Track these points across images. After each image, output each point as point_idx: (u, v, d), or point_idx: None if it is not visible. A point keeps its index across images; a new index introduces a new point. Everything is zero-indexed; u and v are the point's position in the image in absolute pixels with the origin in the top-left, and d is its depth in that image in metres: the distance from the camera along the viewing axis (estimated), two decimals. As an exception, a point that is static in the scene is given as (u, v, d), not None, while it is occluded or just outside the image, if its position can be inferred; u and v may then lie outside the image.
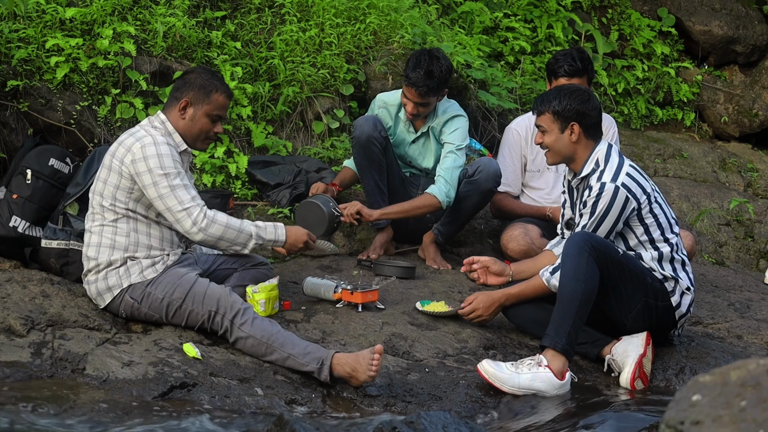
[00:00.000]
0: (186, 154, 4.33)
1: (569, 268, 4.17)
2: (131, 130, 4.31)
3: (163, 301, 4.18)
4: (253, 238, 4.28)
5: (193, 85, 4.29)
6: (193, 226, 4.16)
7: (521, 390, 4.11)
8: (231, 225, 4.23)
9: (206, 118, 4.30)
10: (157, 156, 4.14)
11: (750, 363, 2.01)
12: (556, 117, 4.41)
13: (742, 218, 6.74)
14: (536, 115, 4.49)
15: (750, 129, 7.91)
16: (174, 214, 4.16)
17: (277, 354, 4.05)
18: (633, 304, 4.35)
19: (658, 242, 4.40)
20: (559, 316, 4.17)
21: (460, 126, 5.31)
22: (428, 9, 6.90)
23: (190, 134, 4.31)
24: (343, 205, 5.11)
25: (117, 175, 4.19)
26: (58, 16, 5.46)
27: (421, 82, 5.10)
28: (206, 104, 4.29)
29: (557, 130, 4.42)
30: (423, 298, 4.87)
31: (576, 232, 4.30)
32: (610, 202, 4.29)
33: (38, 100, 5.27)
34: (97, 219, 4.25)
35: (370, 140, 5.16)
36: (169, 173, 4.14)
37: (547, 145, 4.46)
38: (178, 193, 4.15)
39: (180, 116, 4.28)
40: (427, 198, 5.18)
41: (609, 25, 7.90)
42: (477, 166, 5.25)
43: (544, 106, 4.45)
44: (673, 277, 4.41)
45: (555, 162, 4.52)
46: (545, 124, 4.44)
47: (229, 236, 4.22)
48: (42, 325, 4.11)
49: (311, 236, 4.49)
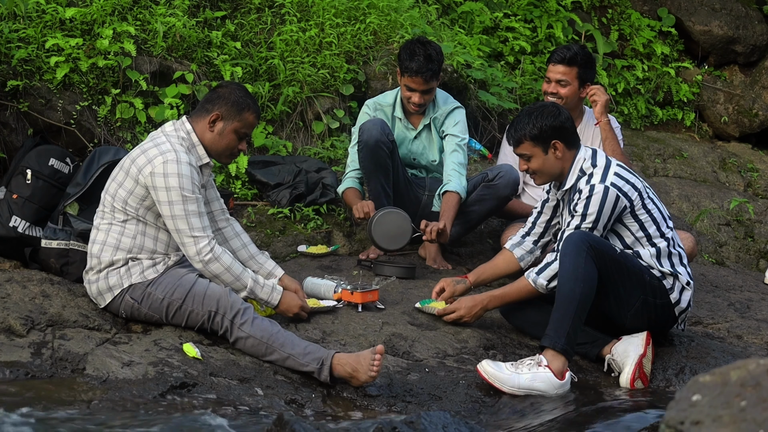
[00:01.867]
0: (207, 167, 4.31)
1: (567, 267, 4.17)
2: (156, 138, 4.23)
3: (164, 301, 4.18)
4: (246, 290, 4.25)
5: (227, 100, 4.25)
6: (196, 255, 4.15)
7: (521, 390, 4.11)
8: (232, 270, 4.20)
9: (234, 135, 4.27)
10: (178, 176, 4.10)
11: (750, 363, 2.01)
12: (536, 141, 4.37)
13: (742, 218, 6.74)
14: (514, 146, 4.45)
15: (750, 129, 7.92)
16: (182, 237, 4.15)
17: (277, 354, 4.05)
18: (632, 302, 4.35)
19: (655, 238, 4.39)
20: (558, 316, 4.17)
21: (462, 119, 5.38)
22: (428, 9, 6.91)
23: (216, 148, 4.27)
24: (424, 222, 5.05)
25: (133, 181, 4.16)
26: (58, 16, 5.46)
27: (424, 67, 5.14)
28: (237, 121, 4.25)
29: (541, 153, 4.38)
30: (423, 298, 4.87)
31: (574, 232, 4.28)
32: (601, 202, 4.28)
33: (38, 100, 5.27)
34: (106, 217, 4.24)
35: (378, 144, 5.15)
36: (187, 197, 4.11)
37: (535, 170, 4.42)
38: (191, 219, 4.13)
39: (209, 128, 4.25)
40: (454, 197, 5.18)
41: (609, 25, 7.90)
42: (498, 172, 5.26)
43: (519, 134, 4.39)
44: (672, 273, 4.40)
45: (544, 182, 4.49)
46: (527, 151, 4.40)
47: (226, 279, 4.20)
48: (42, 325, 4.11)
49: (305, 306, 4.39)
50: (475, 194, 5.27)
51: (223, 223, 4.50)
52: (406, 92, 5.27)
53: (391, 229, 4.98)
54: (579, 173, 4.39)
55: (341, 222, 5.58)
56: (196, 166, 4.18)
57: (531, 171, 4.44)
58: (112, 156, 4.75)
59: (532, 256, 4.64)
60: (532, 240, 4.65)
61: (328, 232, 5.57)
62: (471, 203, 5.28)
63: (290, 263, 5.22)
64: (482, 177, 5.29)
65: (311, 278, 4.79)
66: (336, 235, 5.56)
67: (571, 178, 4.41)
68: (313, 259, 5.32)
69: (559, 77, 5.34)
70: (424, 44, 5.21)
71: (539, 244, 4.65)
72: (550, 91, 5.39)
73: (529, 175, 4.52)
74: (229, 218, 4.54)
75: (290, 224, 5.52)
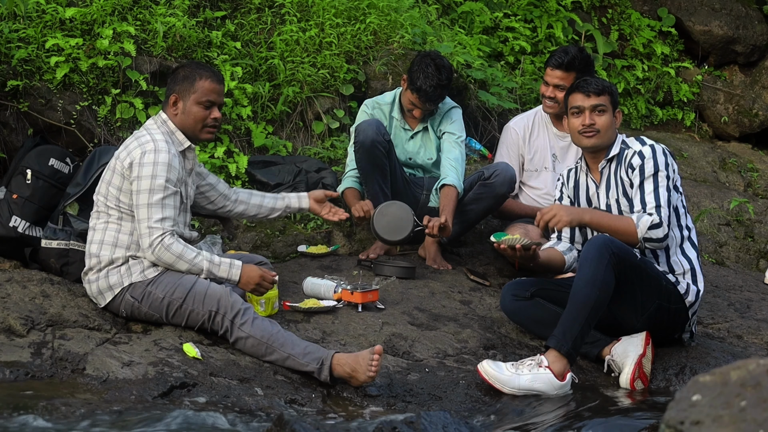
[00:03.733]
0: (190, 151, 4.36)
1: (587, 272, 4.14)
2: (137, 133, 4.32)
3: (164, 300, 4.18)
4: (204, 273, 4.22)
5: (177, 79, 4.33)
6: (148, 247, 4.15)
7: (521, 391, 4.11)
8: (184, 257, 4.16)
9: (197, 107, 4.29)
10: (153, 164, 4.14)
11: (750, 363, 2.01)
12: (612, 98, 4.45)
13: (742, 218, 6.73)
14: (594, 94, 4.41)
15: (750, 129, 7.91)
16: (140, 228, 4.17)
17: (277, 354, 4.05)
18: (647, 307, 4.35)
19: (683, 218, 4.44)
20: (569, 319, 4.15)
21: (458, 117, 5.40)
22: (428, 9, 6.90)
23: (188, 127, 4.31)
24: (427, 217, 5.04)
25: (120, 177, 4.21)
26: (58, 16, 5.46)
27: (434, 95, 5.18)
28: (192, 93, 4.28)
29: (611, 112, 4.45)
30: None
31: (598, 236, 4.23)
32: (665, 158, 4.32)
33: (38, 100, 5.27)
34: (101, 216, 4.26)
35: (374, 144, 5.15)
36: (156, 188, 4.13)
37: (601, 126, 4.41)
38: (153, 210, 4.14)
39: (173, 113, 4.31)
40: (452, 191, 5.17)
41: (609, 25, 7.90)
42: (494, 170, 5.26)
43: (604, 85, 4.44)
44: (691, 269, 4.44)
45: (596, 145, 4.42)
46: (606, 102, 4.43)
47: (180, 267, 4.18)
48: (42, 325, 4.11)
49: (266, 276, 4.29)
50: (472, 193, 5.27)
51: (234, 195, 4.69)
52: (408, 104, 5.29)
53: (392, 220, 4.99)
54: (622, 145, 4.45)
55: (341, 222, 5.58)
56: (177, 152, 4.24)
57: (597, 127, 4.41)
58: (111, 156, 4.75)
59: (572, 254, 4.59)
60: (566, 244, 4.62)
61: (328, 232, 5.57)
62: (468, 202, 5.28)
63: (290, 263, 5.23)
64: (478, 176, 5.29)
65: (311, 278, 4.79)
66: (336, 235, 5.56)
67: (615, 147, 4.45)
68: (313, 259, 5.32)
69: (557, 82, 5.34)
70: (438, 68, 5.15)
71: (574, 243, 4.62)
72: (548, 94, 5.39)
73: (587, 134, 4.41)
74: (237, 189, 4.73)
75: (290, 224, 5.52)
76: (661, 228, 4.26)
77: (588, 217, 4.39)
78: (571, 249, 4.58)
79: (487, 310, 4.90)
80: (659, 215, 4.26)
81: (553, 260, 4.54)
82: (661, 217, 4.26)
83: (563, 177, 4.68)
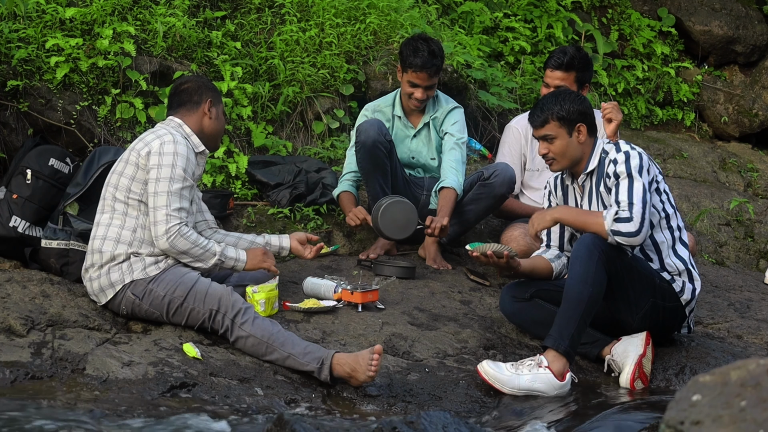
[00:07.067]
0: (203, 156, 4.41)
1: (578, 270, 4.15)
2: (153, 129, 4.39)
3: (165, 298, 4.19)
4: (216, 257, 4.27)
5: (207, 87, 4.44)
6: (164, 233, 4.17)
7: (521, 391, 4.11)
8: (198, 243, 4.23)
9: (224, 116, 4.50)
10: (173, 154, 4.21)
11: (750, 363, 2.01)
12: (562, 122, 4.36)
13: (742, 218, 6.73)
14: (538, 126, 4.40)
15: (750, 129, 7.91)
16: (157, 215, 4.18)
17: (278, 354, 4.05)
18: (641, 305, 4.34)
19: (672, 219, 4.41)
20: (564, 318, 4.15)
21: (461, 118, 5.41)
22: (428, 9, 6.90)
23: (216, 132, 4.45)
24: (429, 218, 5.04)
25: (134, 167, 4.25)
26: (58, 16, 5.45)
27: (429, 63, 5.19)
28: (221, 103, 4.48)
29: (565, 134, 4.37)
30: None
31: (585, 235, 4.24)
32: (639, 161, 4.26)
33: (38, 100, 5.27)
34: (106, 211, 4.29)
35: (375, 145, 5.16)
36: (175, 177, 4.19)
37: (556, 154, 4.38)
38: (172, 198, 4.18)
39: (207, 116, 4.40)
40: (451, 193, 5.17)
41: (609, 25, 7.90)
42: (493, 171, 5.26)
43: (546, 114, 4.37)
44: (686, 269, 4.42)
45: (562, 168, 4.44)
46: (552, 131, 4.37)
47: (194, 252, 4.23)
48: (42, 325, 4.11)
49: (268, 253, 4.45)
50: (471, 193, 5.27)
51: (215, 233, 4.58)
52: (408, 89, 5.29)
53: (397, 218, 4.99)
54: (602, 154, 4.39)
55: (341, 222, 5.58)
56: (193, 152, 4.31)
57: (551, 156, 4.40)
58: (112, 156, 4.75)
59: (561, 261, 4.58)
60: (555, 251, 4.60)
61: (328, 232, 5.57)
62: (467, 202, 5.28)
63: (290, 263, 5.23)
64: (478, 176, 5.29)
65: (311, 278, 4.80)
66: (336, 235, 5.56)
67: (593, 160, 4.41)
68: (313, 259, 5.31)
69: (557, 83, 5.34)
70: (426, 40, 5.26)
71: (564, 251, 4.60)
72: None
73: (547, 162, 4.44)
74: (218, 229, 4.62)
75: (290, 224, 5.51)
76: (631, 222, 4.19)
77: (559, 214, 4.38)
78: (560, 256, 4.56)
79: (487, 310, 4.90)
80: (630, 211, 4.22)
81: (537, 268, 4.52)
82: (632, 213, 4.20)
83: (550, 185, 4.65)
